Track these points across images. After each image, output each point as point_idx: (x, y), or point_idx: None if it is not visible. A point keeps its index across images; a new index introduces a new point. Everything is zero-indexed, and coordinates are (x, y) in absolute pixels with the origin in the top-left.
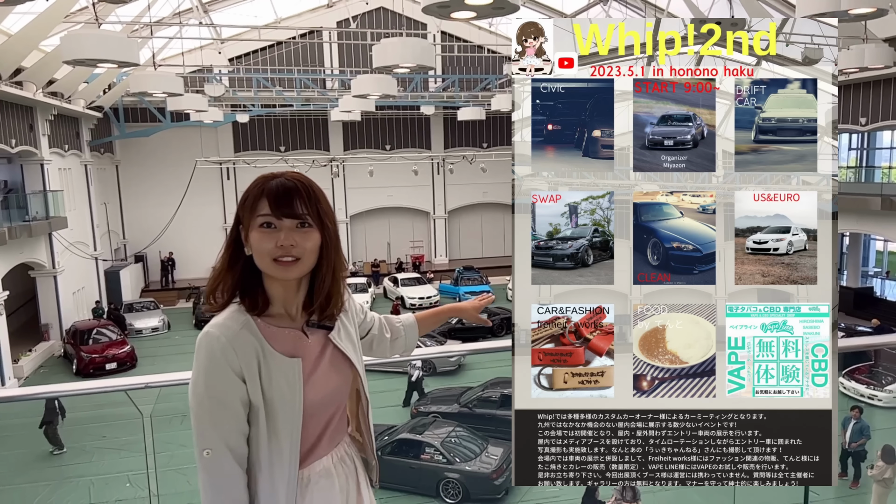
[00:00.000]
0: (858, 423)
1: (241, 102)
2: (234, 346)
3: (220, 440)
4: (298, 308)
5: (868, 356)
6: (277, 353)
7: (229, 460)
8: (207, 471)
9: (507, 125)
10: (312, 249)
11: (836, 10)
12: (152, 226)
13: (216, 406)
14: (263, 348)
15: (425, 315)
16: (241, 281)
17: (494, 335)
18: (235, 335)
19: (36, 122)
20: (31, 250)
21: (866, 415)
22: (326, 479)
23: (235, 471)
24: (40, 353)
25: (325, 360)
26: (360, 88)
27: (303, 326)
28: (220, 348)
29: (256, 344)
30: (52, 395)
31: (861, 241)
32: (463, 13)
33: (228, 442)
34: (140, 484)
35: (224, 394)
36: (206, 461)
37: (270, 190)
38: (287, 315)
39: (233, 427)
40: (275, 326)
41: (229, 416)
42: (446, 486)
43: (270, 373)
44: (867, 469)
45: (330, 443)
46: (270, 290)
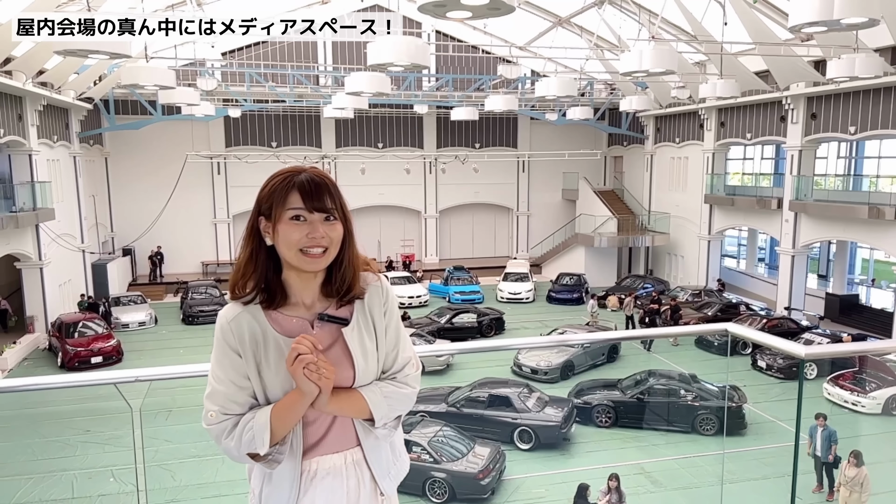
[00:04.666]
0: (826, 431)
1: (233, 97)
2: (232, 326)
3: (216, 406)
4: (314, 299)
5: (853, 363)
6: (277, 334)
7: (222, 417)
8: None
9: (499, 126)
10: (338, 241)
11: (828, 20)
12: (141, 219)
13: (217, 378)
14: (264, 329)
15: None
16: (265, 272)
17: (483, 335)
18: (235, 317)
19: (25, 112)
20: (17, 241)
21: (851, 421)
22: (334, 478)
23: (229, 418)
24: (25, 345)
25: (330, 353)
26: (354, 86)
27: (314, 318)
28: (221, 328)
29: (255, 325)
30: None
31: (847, 248)
32: (459, 13)
33: (223, 407)
34: (124, 479)
35: (223, 368)
36: (208, 420)
37: (302, 184)
38: (302, 305)
39: (228, 395)
40: (282, 314)
41: (224, 387)
42: (433, 485)
43: (268, 351)
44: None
45: (340, 441)
46: (288, 281)
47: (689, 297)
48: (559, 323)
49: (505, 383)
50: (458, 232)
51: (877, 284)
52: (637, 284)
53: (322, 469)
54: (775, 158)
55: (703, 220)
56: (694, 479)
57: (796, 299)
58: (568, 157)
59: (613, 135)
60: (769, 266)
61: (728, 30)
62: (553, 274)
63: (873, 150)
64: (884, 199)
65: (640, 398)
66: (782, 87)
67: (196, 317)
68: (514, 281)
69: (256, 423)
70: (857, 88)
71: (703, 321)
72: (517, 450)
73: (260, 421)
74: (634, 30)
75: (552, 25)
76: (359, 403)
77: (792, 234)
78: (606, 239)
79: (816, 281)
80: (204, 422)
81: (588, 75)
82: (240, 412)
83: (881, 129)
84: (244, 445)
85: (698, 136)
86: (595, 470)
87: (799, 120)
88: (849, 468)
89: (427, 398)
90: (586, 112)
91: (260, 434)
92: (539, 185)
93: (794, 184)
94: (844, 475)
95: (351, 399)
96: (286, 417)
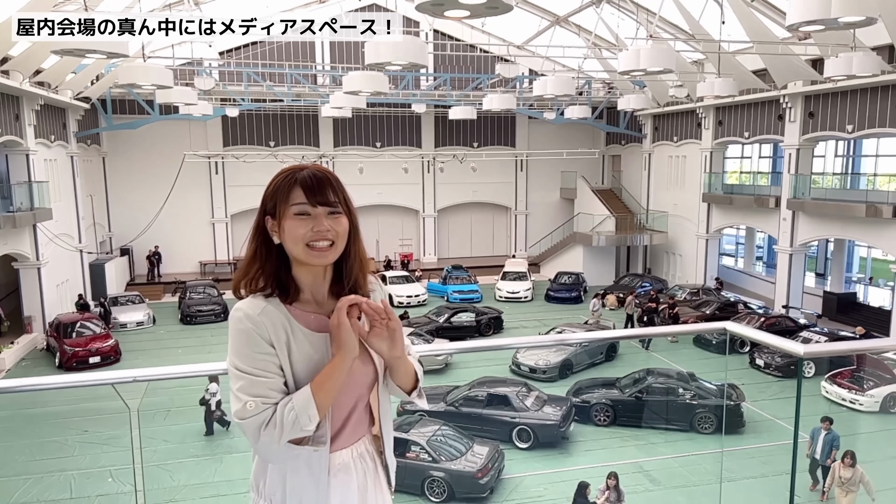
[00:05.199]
0: (829, 434)
1: (231, 96)
2: (263, 317)
3: (255, 397)
4: (325, 295)
5: (851, 361)
6: (305, 329)
7: (263, 406)
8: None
9: (497, 125)
10: (343, 234)
11: (825, 19)
12: (139, 219)
13: (250, 370)
14: (291, 324)
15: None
16: (275, 269)
17: (482, 334)
18: (263, 309)
19: (22, 111)
20: (14, 241)
21: (849, 419)
22: (345, 475)
23: (267, 406)
24: (23, 345)
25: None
26: (352, 85)
27: (330, 313)
28: (250, 320)
29: (284, 319)
30: (38, 387)
31: (845, 247)
32: (457, 12)
33: (264, 396)
34: (122, 479)
35: (255, 360)
36: (246, 412)
37: (304, 180)
38: (314, 301)
39: (268, 383)
40: (301, 311)
41: (263, 377)
42: (431, 484)
43: (298, 345)
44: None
45: (352, 435)
46: (299, 278)
47: (687, 296)
48: (558, 322)
49: (503, 382)
50: (457, 231)
51: (874, 282)
52: (635, 283)
53: (334, 466)
54: (773, 157)
55: (701, 218)
56: (692, 477)
57: (794, 298)
58: (566, 156)
59: (611, 134)
60: (767, 264)
61: (726, 28)
62: (551, 273)
63: (871, 149)
64: (881, 197)
65: (638, 397)
66: (780, 85)
67: (194, 316)
68: (512, 280)
69: (297, 401)
70: (855, 87)
71: (702, 320)
72: (516, 449)
73: (301, 397)
74: (632, 28)
75: (550, 24)
76: (409, 366)
77: (790, 233)
78: (605, 238)
79: (814, 279)
80: (239, 415)
81: (586, 74)
82: (277, 399)
83: (879, 128)
84: (287, 429)
85: (696, 134)
86: (594, 469)
87: (796, 118)
88: (843, 469)
89: (426, 397)
90: (584, 111)
91: (304, 410)
92: (537, 184)
93: (792, 182)
94: (840, 476)
95: (405, 361)
96: (328, 387)
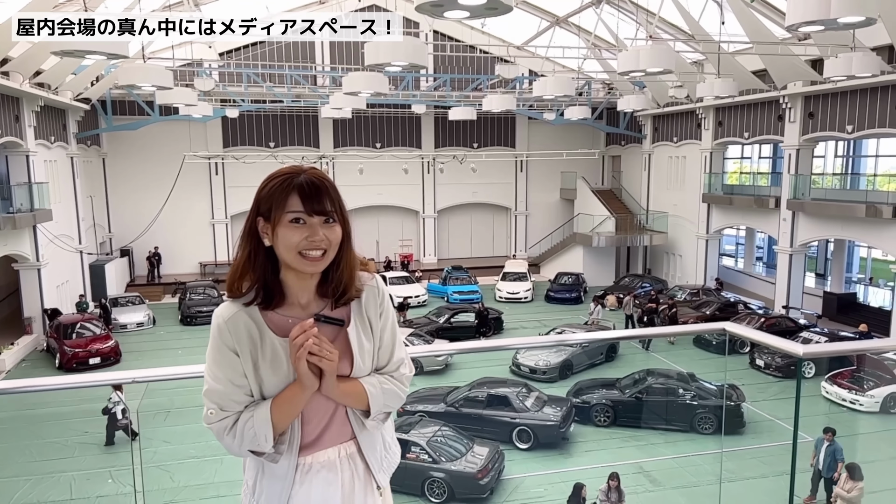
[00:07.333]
0: (832, 446)
1: (230, 97)
2: (229, 325)
3: (214, 404)
4: (309, 299)
5: (851, 361)
6: (273, 334)
7: (222, 414)
8: (211, 427)
9: (497, 126)
10: (336, 243)
11: (825, 19)
12: (139, 220)
13: (214, 377)
14: (261, 329)
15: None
16: (263, 273)
17: (482, 335)
18: (232, 316)
19: (22, 112)
20: (14, 242)
21: (849, 420)
22: (329, 472)
23: (227, 416)
24: (23, 346)
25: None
26: (352, 86)
27: (310, 319)
28: (217, 326)
29: (252, 325)
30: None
31: (845, 247)
32: (456, 13)
33: (221, 405)
34: (122, 480)
35: (220, 366)
36: (208, 418)
37: (301, 187)
38: (298, 305)
39: (226, 392)
40: (279, 314)
41: (222, 385)
42: (431, 485)
43: (265, 351)
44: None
45: (339, 435)
46: (286, 281)
47: (687, 297)
48: (558, 322)
49: (503, 383)
50: (457, 232)
51: (874, 283)
52: (635, 284)
53: (317, 463)
54: (773, 157)
55: (701, 219)
56: (692, 477)
57: (794, 298)
58: (566, 156)
59: (611, 134)
60: (767, 265)
61: (725, 29)
62: (551, 273)
63: (871, 149)
64: (881, 197)
65: (638, 397)
66: (780, 86)
67: (194, 317)
68: (512, 280)
69: (257, 419)
70: (855, 87)
71: (702, 320)
72: (516, 449)
73: (261, 417)
74: (632, 29)
75: (550, 25)
76: (359, 393)
77: (790, 233)
78: (605, 238)
79: (814, 280)
80: (204, 420)
81: (586, 75)
82: (238, 409)
83: (878, 128)
84: (246, 442)
85: (696, 135)
86: (594, 469)
87: (796, 119)
88: (846, 482)
89: (426, 398)
90: (584, 112)
91: (262, 430)
92: (537, 184)
93: (792, 183)
94: (843, 490)
95: (352, 387)
96: (286, 411)
